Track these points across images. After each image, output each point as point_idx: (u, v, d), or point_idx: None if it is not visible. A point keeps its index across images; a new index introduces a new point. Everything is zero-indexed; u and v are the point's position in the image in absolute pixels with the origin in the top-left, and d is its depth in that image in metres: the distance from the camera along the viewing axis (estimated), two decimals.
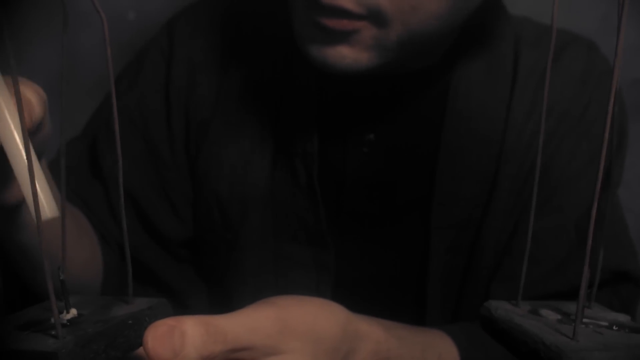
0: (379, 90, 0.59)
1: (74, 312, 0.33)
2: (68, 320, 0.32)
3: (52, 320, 0.31)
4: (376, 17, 0.47)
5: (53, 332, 0.29)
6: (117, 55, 0.78)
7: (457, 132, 0.57)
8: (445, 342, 0.51)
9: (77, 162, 0.64)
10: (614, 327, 0.32)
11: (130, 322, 0.33)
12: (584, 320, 0.32)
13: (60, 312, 0.32)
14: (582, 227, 0.56)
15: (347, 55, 0.49)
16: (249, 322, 0.35)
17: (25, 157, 0.31)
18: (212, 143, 0.61)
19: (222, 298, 0.64)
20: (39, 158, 0.39)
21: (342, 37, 0.49)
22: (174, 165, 0.63)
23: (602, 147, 0.59)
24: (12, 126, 0.33)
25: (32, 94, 0.37)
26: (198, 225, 0.63)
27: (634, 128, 0.64)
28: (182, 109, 0.62)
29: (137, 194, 0.62)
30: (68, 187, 0.57)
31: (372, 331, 0.42)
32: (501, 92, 0.58)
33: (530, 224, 0.35)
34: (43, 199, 0.32)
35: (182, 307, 0.64)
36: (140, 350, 0.33)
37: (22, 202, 0.43)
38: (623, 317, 0.33)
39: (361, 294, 0.58)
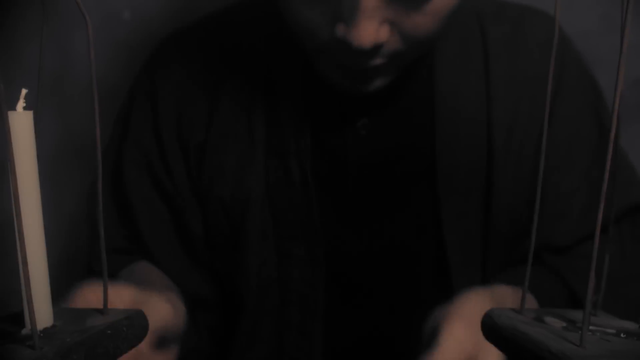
0: None
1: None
2: (41, 331, 0.30)
3: (23, 331, 0.30)
4: (398, 57, 0.53)
5: (28, 343, 0.28)
6: (112, 54, 0.77)
7: (447, 106, 0.61)
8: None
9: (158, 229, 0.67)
10: (622, 335, 0.31)
11: (108, 332, 0.31)
12: (591, 327, 0.31)
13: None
14: (591, 178, 0.62)
15: (377, 83, 0.57)
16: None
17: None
18: (212, 156, 0.64)
19: (232, 296, 0.66)
20: None
21: (372, 75, 0.55)
22: (178, 196, 0.65)
23: (587, 103, 0.62)
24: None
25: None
26: (210, 231, 0.66)
27: (638, 127, 0.64)
28: (175, 143, 0.65)
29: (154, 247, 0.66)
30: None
31: None
32: (477, 67, 0.62)
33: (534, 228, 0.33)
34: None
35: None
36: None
37: None
38: (631, 325, 0.32)
39: (382, 272, 0.64)
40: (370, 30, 0.48)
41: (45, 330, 0.31)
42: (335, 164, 0.63)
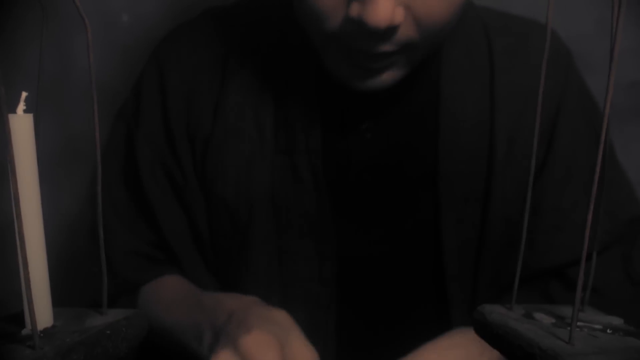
0: None
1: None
2: (41, 331, 0.31)
3: (24, 332, 0.31)
4: (409, 47, 0.53)
5: (29, 343, 0.28)
6: (111, 57, 0.78)
7: (451, 113, 0.61)
8: None
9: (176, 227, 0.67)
10: (608, 331, 0.31)
11: (108, 332, 0.32)
12: (579, 323, 0.32)
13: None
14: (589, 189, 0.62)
15: (386, 80, 0.56)
16: None
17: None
18: (215, 152, 0.64)
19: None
20: None
21: (382, 69, 0.55)
22: (188, 191, 0.66)
23: (587, 120, 0.62)
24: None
25: None
26: (212, 231, 0.66)
27: (633, 130, 0.64)
28: (184, 134, 0.65)
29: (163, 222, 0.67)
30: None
31: None
32: (482, 77, 0.63)
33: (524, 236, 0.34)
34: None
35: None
36: None
37: None
38: (616, 320, 0.33)
39: (378, 278, 0.63)
40: (387, 9, 0.47)
41: (45, 330, 0.31)
42: (339, 165, 0.63)
